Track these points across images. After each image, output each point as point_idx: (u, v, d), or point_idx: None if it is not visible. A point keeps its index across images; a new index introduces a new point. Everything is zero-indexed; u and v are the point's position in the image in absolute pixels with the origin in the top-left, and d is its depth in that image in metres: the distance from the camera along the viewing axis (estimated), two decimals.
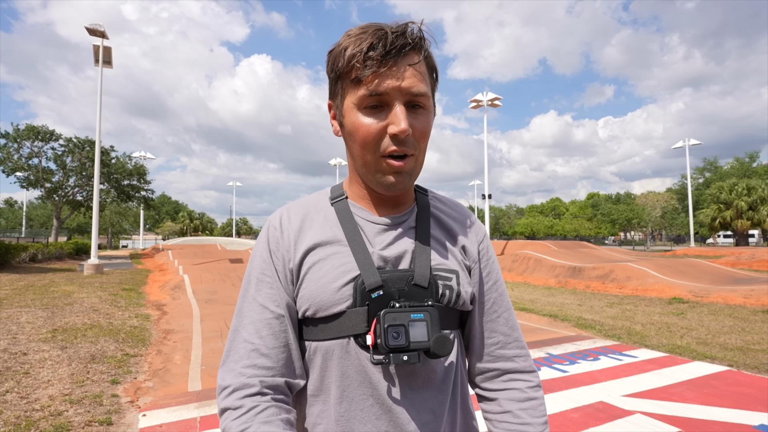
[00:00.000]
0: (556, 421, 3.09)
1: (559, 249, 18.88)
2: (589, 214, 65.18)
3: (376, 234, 0.74)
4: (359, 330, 0.68)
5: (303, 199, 0.82)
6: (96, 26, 16.00)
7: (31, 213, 57.63)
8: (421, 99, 0.68)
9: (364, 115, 0.67)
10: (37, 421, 3.10)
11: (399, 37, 0.65)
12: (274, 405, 0.66)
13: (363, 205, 0.77)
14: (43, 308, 7.57)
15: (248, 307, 0.73)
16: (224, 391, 0.68)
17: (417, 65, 0.67)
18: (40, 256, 18.63)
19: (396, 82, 0.65)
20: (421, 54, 0.68)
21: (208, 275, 12.85)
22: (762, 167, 45.62)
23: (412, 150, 0.69)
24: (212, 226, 72.11)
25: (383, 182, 0.70)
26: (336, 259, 0.71)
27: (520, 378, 0.79)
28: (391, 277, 0.70)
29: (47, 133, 26.48)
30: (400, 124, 0.65)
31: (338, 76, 0.69)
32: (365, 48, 0.64)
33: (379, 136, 0.67)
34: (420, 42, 0.68)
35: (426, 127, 0.70)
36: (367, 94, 0.66)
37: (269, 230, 0.77)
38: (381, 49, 0.64)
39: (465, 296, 0.74)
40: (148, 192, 30.44)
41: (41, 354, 4.78)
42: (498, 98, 24.68)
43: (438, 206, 0.82)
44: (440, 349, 0.64)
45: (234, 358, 0.70)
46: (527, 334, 5.93)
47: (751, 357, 4.76)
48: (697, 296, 9.02)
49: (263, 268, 0.74)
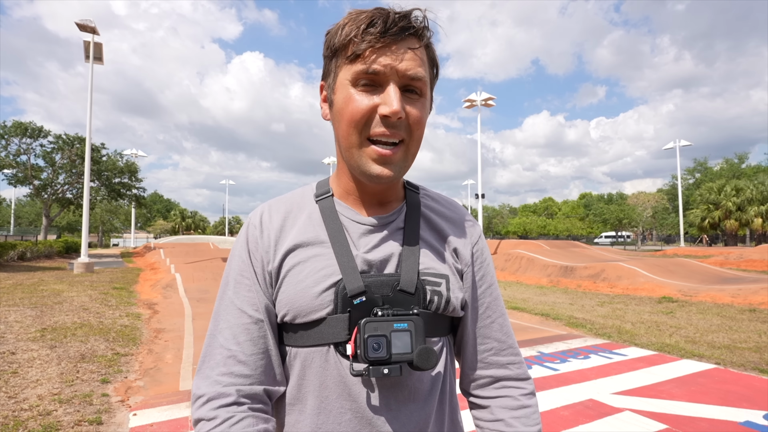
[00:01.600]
0: (547, 418, 3.12)
1: (552, 248, 19.02)
2: (582, 214, 65.75)
3: (361, 235, 0.70)
4: (340, 338, 0.64)
5: (286, 196, 0.77)
6: (86, 22, 15.80)
7: (20, 211, 56.81)
8: (418, 84, 0.64)
9: (357, 91, 0.63)
10: (25, 421, 3.06)
11: (402, 18, 0.62)
12: (251, 415, 0.63)
13: (349, 203, 0.73)
14: (32, 307, 7.47)
15: (225, 311, 0.69)
16: (198, 401, 0.64)
17: (417, 50, 0.64)
18: (29, 254, 18.38)
19: (393, 62, 0.61)
20: (422, 41, 0.65)
21: (200, 274, 12.76)
22: (751, 168, 46.33)
23: (404, 135, 0.64)
24: (204, 224, 71.56)
25: (367, 171, 0.65)
26: (317, 262, 0.67)
27: (513, 386, 0.75)
28: (374, 282, 0.66)
29: (36, 130, 26.10)
30: (393, 104, 0.61)
31: (334, 53, 0.66)
32: (365, 24, 0.62)
33: (369, 114, 0.63)
34: (423, 30, 0.64)
35: (421, 114, 0.65)
36: (362, 70, 0.62)
37: (249, 229, 0.72)
38: (381, 25, 0.61)
39: (455, 302, 0.70)
40: (140, 190, 30.13)
41: (30, 353, 4.72)
42: (492, 98, 24.79)
43: (429, 205, 0.77)
44: (424, 362, 0.61)
45: (210, 365, 0.66)
46: (519, 332, 5.98)
47: (737, 355, 4.84)
48: (686, 295, 9.15)
49: (241, 270, 0.70)
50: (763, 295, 8.19)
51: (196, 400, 0.65)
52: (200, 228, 68.28)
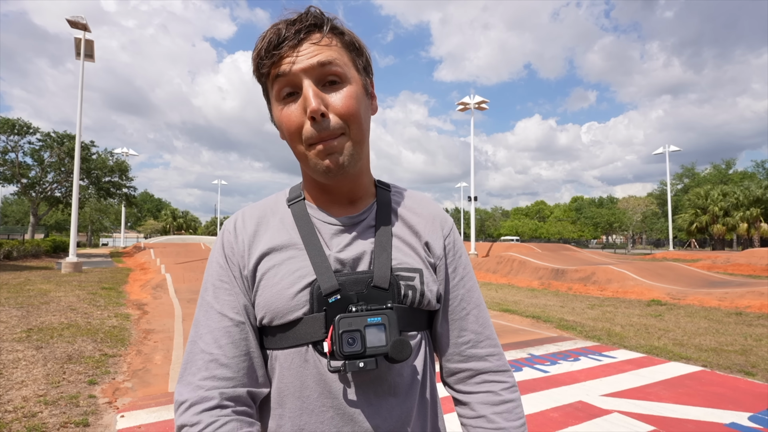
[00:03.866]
0: (536, 420, 3.14)
1: (543, 251, 19.17)
2: (573, 217, 66.36)
3: (333, 235, 0.71)
4: (317, 337, 0.65)
5: (260, 202, 0.78)
6: (78, 18, 15.62)
7: (7, 209, 55.86)
8: (333, 69, 0.64)
9: (285, 105, 0.65)
10: (9, 423, 3.00)
11: (294, 22, 0.64)
12: (235, 419, 0.62)
13: (319, 204, 0.74)
14: (18, 307, 7.34)
15: (205, 316, 0.69)
16: (181, 407, 0.63)
17: (321, 41, 0.64)
18: (16, 253, 18.07)
19: (297, 59, 0.63)
20: (324, 30, 0.65)
21: (191, 274, 12.65)
22: (737, 174, 47.16)
23: (338, 132, 0.64)
24: (196, 224, 71.00)
25: (319, 169, 0.66)
26: (291, 264, 0.68)
27: (493, 379, 0.75)
28: (348, 280, 0.67)
29: (23, 127, 25.71)
30: (310, 102, 0.61)
31: (259, 80, 0.69)
32: (264, 46, 0.64)
33: (300, 122, 0.64)
34: (320, 21, 0.65)
35: (349, 101, 0.64)
36: (277, 83, 0.65)
37: (224, 235, 0.73)
38: (275, 38, 0.63)
39: (429, 295, 0.71)
40: (130, 189, 29.80)
41: (15, 354, 4.64)
42: (485, 101, 24.96)
43: (400, 201, 0.78)
44: (398, 353, 0.61)
45: (191, 371, 0.65)
46: (510, 335, 6.01)
47: (724, 357, 4.92)
48: (674, 299, 9.27)
49: (220, 275, 0.71)
50: (749, 299, 8.33)
51: (178, 406, 0.64)
52: (191, 228, 67.72)
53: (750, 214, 35.58)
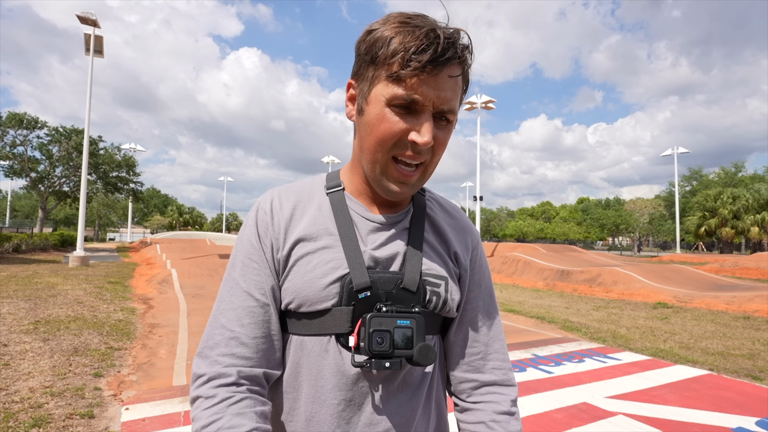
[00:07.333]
0: (540, 421, 3.13)
1: (548, 252, 19.07)
2: (579, 218, 65.95)
3: (370, 232, 0.72)
4: (342, 330, 0.67)
5: (296, 184, 0.78)
6: (87, 14, 15.72)
7: (16, 203, 56.50)
8: (450, 116, 0.66)
9: (392, 112, 0.63)
10: (16, 413, 3.04)
11: (450, 45, 0.61)
12: (250, 396, 0.64)
13: (360, 199, 0.74)
14: (26, 299, 7.42)
15: (230, 293, 0.69)
16: (199, 380, 0.65)
17: (457, 78, 0.64)
18: (24, 246, 18.28)
19: (433, 93, 0.62)
20: (463, 68, 0.65)
21: (196, 270, 12.72)
22: (747, 177, 46.58)
23: (426, 158, 0.67)
24: (202, 220, 71.33)
25: (385, 187, 0.68)
26: (326, 254, 0.69)
27: (498, 392, 0.76)
28: (380, 278, 0.68)
29: (32, 121, 25.96)
30: (425, 135, 0.63)
31: (373, 61, 0.64)
32: (414, 48, 0.60)
33: (399, 137, 0.64)
34: (465, 54, 0.64)
35: (446, 140, 0.68)
36: (401, 96, 0.61)
37: (258, 213, 0.73)
38: (430, 54, 0.59)
39: (451, 304, 0.73)
40: (137, 184, 30.04)
41: (22, 346, 4.69)
42: (492, 101, 24.81)
43: (434, 208, 0.80)
44: (423, 358, 0.63)
45: (210, 345, 0.67)
46: (514, 335, 5.98)
47: (731, 362, 4.86)
48: (681, 301, 9.18)
49: (250, 253, 0.70)
50: (757, 303, 8.23)
51: (196, 379, 0.65)
52: (197, 224, 68.07)
53: (762, 217, 35.15)
